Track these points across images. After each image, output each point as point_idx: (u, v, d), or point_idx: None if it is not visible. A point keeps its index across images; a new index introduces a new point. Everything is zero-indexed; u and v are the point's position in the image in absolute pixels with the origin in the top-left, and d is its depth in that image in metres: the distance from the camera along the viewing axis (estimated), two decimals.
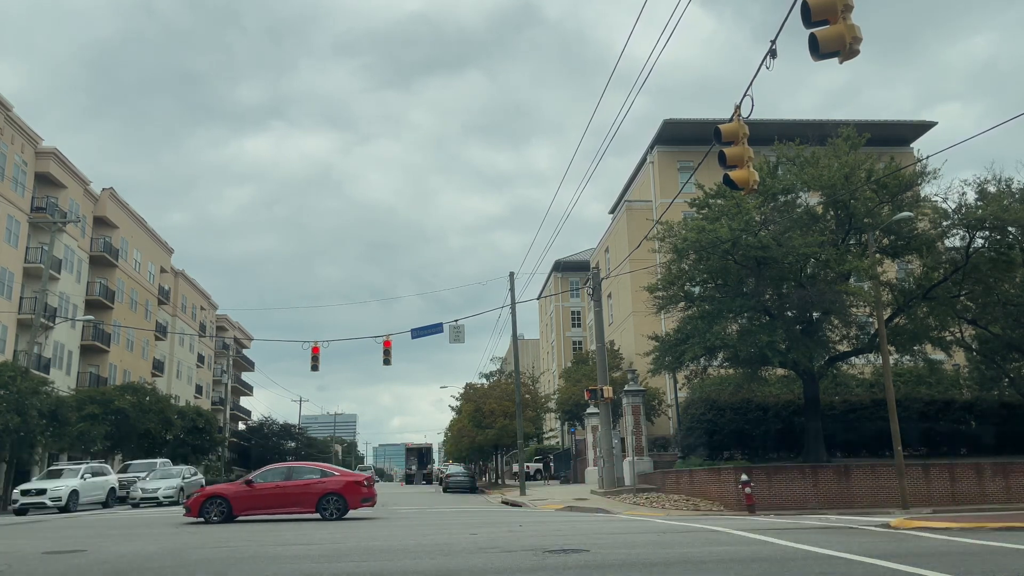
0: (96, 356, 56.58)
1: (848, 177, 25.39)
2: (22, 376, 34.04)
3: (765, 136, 26.61)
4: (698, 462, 29.52)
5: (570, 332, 77.73)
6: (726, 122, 11.74)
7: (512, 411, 42.62)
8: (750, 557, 9.73)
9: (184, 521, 18.81)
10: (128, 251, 61.91)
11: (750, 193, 13.36)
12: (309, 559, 9.98)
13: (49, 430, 35.91)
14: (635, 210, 52.41)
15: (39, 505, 27.36)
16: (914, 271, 28.21)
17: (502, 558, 9.66)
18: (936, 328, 28.06)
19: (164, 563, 9.88)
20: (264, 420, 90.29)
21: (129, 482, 33.41)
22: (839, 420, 30.28)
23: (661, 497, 27.07)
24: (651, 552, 10.33)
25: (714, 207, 26.82)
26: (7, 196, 45.06)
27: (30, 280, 46.78)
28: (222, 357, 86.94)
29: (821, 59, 8.30)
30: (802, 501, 23.98)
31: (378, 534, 14.09)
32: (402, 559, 9.82)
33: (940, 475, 24.72)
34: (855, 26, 8.24)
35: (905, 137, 51.69)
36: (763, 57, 9.65)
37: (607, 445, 32.64)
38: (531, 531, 13.96)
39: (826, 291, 24.95)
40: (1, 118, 43.35)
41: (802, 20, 8.44)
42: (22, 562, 10.40)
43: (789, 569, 8.54)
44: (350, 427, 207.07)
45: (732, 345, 25.89)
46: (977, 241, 26.37)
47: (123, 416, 43.53)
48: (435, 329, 36.15)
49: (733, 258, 25.28)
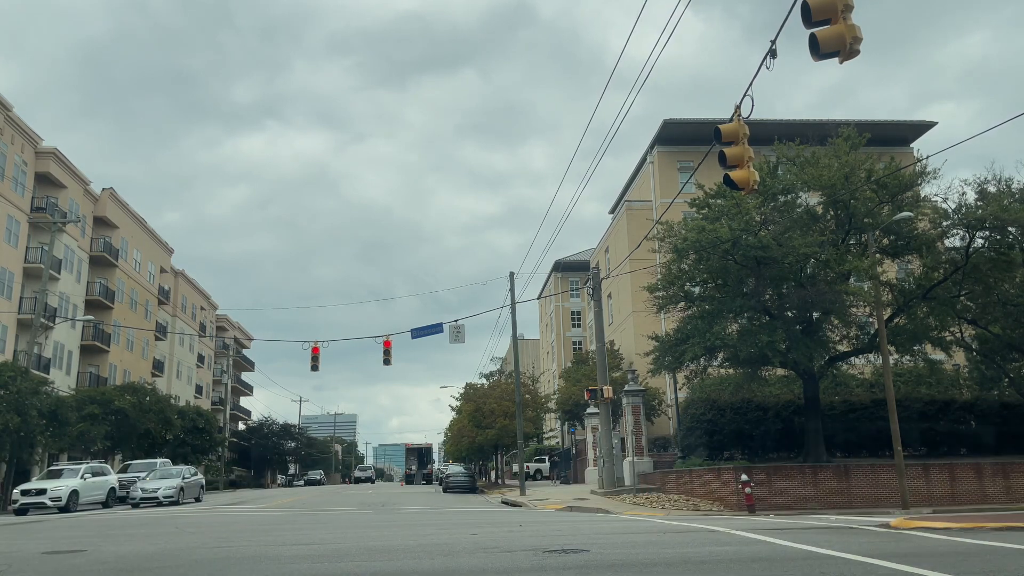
0: (96, 356, 56.58)
1: (848, 177, 25.40)
2: (22, 376, 34.02)
3: (765, 136, 26.60)
4: (698, 462, 29.52)
5: (570, 332, 77.74)
6: (726, 122, 11.74)
7: (512, 411, 42.62)
8: (750, 557, 9.73)
9: (180, 521, 18.79)
10: (128, 251, 61.90)
11: (750, 193, 13.34)
12: (310, 559, 9.98)
13: (49, 430, 35.89)
14: (635, 210, 52.44)
15: (39, 505, 27.34)
16: (914, 271, 28.21)
17: (502, 558, 9.65)
18: (936, 328, 28.06)
19: (164, 563, 9.88)
20: (264, 420, 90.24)
21: (129, 482, 33.39)
22: (839, 420, 30.30)
23: (661, 497, 27.07)
24: (651, 552, 10.33)
25: (714, 207, 26.82)
26: (7, 196, 45.05)
27: (30, 280, 46.77)
28: (222, 357, 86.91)
29: (821, 59, 8.31)
30: (802, 501, 23.98)
31: (379, 534, 14.09)
32: (403, 559, 9.82)
33: (940, 475, 24.74)
34: (855, 26, 8.24)
35: (905, 137, 51.74)
36: (763, 57, 9.66)
37: (607, 445, 32.64)
38: (531, 531, 13.95)
39: (826, 291, 24.95)
40: (1, 118, 43.34)
41: (802, 20, 8.44)
42: (22, 562, 10.40)
43: (789, 569, 8.54)
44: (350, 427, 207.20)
45: (732, 345, 25.91)
46: (977, 241, 26.37)
47: (123, 416, 43.51)
48: (435, 329, 36.14)
49: (733, 258, 25.28)
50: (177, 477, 33.73)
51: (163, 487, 32.01)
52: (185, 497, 33.19)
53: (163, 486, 32.09)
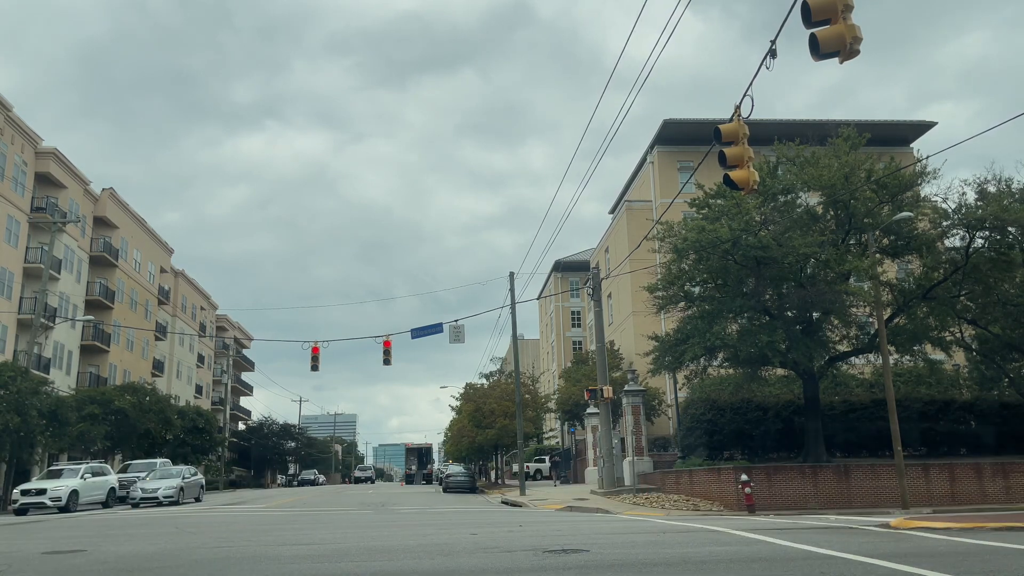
0: (96, 356, 56.59)
1: (848, 177, 25.40)
2: (22, 376, 34.03)
3: (764, 136, 26.60)
4: (698, 462, 29.52)
5: (570, 332, 77.75)
6: (726, 122, 11.74)
7: (512, 411, 42.62)
8: (750, 557, 9.73)
9: (180, 521, 18.79)
10: (128, 251, 61.90)
11: (750, 193, 13.35)
12: (310, 559, 9.98)
13: (49, 430, 35.90)
14: (635, 210, 52.45)
15: (39, 505, 27.34)
16: (914, 271, 28.22)
17: (502, 558, 9.66)
18: (936, 328, 28.07)
19: (164, 563, 9.88)
20: (264, 420, 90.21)
21: (129, 482, 33.39)
22: (839, 420, 30.31)
23: (661, 497, 27.07)
24: (651, 552, 10.33)
25: (714, 207, 26.82)
26: (7, 196, 45.05)
27: (30, 280, 46.77)
28: (222, 357, 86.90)
29: (822, 59, 8.31)
30: (802, 501, 23.99)
31: (379, 534, 14.09)
32: (403, 559, 9.82)
33: (940, 475, 24.75)
34: (855, 26, 8.24)
35: (905, 137, 51.75)
36: (763, 57, 9.66)
37: (607, 445, 32.64)
38: (531, 531, 13.96)
39: (826, 291, 24.96)
40: (1, 118, 43.33)
41: (802, 20, 8.44)
42: (22, 562, 10.40)
43: (789, 569, 8.54)
44: (350, 427, 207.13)
45: (732, 345, 25.91)
46: (977, 241, 26.38)
47: (123, 416, 43.52)
48: (435, 329, 36.15)
49: (733, 258, 25.28)
50: (177, 477, 33.73)
51: (163, 487, 32.00)
52: (185, 497, 33.18)
53: (163, 486, 32.09)
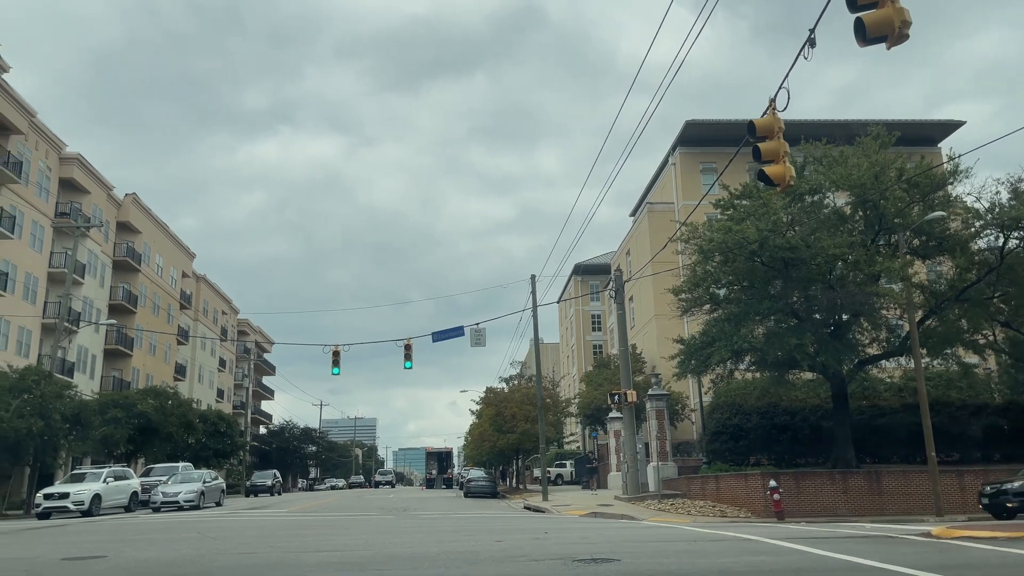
0: (119, 360, 56.94)
1: (878, 176, 24.85)
2: (46, 380, 34.19)
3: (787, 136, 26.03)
4: (724, 467, 29.02)
5: (590, 336, 77.27)
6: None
7: (533, 415, 42.25)
8: (788, 568, 9.33)
9: (202, 526, 18.63)
10: (151, 256, 62.31)
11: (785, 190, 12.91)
12: (332, 567, 9.71)
13: (72, 434, 36.05)
14: (657, 212, 51.97)
15: (62, 509, 27.38)
16: (946, 272, 27.59)
17: (530, 567, 9.33)
18: (968, 331, 27.40)
19: (186, 570, 9.65)
20: (285, 424, 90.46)
21: (151, 486, 33.40)
22: (867, 424, 29.67)
23: (686, 503, 26.59)
24: (685, 562, 9.95)
25: (740, 208, 26.37)
26: (32, 201, 45.43)
27: (54, 285, 47.13)
28: (243, 361, 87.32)
29: (868, 44, 7.90)
30: (832, 508, 23.43)
31: (402, 540, 13.81)
32: (427, 567, 9.52)
33: (974, 481, 24.04)
34: (904, 9, 7.82)
35: (932, 136, 50.87)
36: (801, 46, 9.29)
37: (631, 450, 32.17)
38: (557, 539, 13.61)
39: (856, 293, 24.43)
40: (25, 124, 43.69)
41: (847, 4, 8.06)
42: (40, 568, 10.21)
43: None
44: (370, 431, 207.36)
45: (760, 348, 25.41)
46: (1011, 241, 25.72)
47: (145, 420, 43.64)
48: (456, 332, 35.92)
49: (760, 259, 24.81)
50: (198, 481, 33.64)
51: (183, 491, 31.91)
52: (206, 501, 33.10)
53: (183, 490, 32.00)
